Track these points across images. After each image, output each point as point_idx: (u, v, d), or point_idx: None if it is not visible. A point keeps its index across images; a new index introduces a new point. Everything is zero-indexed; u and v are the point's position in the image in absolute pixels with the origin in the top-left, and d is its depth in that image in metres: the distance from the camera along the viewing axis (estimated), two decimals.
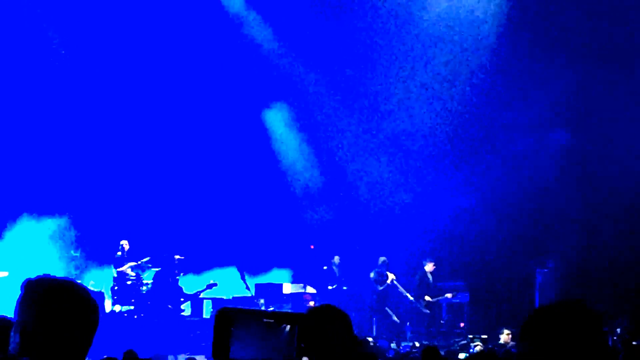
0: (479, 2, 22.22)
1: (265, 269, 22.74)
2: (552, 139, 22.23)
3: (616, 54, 20.73)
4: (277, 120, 24.19)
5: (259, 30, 23.58)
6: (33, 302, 2.89)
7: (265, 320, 2.74)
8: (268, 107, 24.12)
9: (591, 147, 21.35)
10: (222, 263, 22.05)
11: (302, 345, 2.66)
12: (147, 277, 20.36)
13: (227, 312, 3.00)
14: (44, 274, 2.99)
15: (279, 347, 2.70)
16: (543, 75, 21.54)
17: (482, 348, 17.07)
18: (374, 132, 23.70)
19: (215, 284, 20.27)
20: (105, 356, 13.85)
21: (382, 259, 20.95)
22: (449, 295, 20.90)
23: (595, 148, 21.23)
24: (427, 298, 20.87)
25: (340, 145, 24.09)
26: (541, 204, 21.98)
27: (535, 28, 21.44)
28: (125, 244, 20.43)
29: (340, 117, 23.85)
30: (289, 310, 18.23)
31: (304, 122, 24.27)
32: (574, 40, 20.96)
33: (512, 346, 16.39)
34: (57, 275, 3.01)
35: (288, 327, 2.73)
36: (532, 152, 22.16)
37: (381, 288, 20.68)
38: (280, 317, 2.74)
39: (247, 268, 20.96)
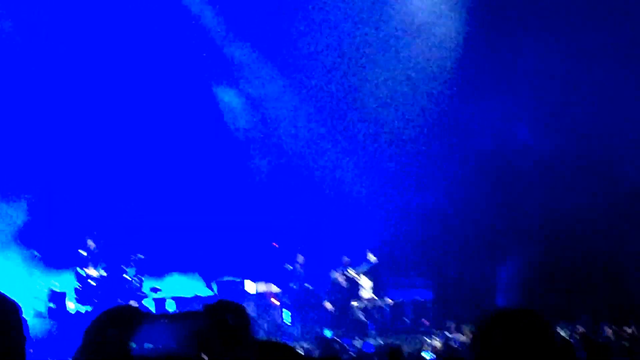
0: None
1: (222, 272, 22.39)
2: (516, 136, 22.40)
3: (583, 50, 20.83)
4: (234, 109, 24.16)
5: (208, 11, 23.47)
6: None
7: (163, 320, 2.76)
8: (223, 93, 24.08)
9: (555, 145, 21.52)
10: (183, 265, 21.91)
11: (200, 342, 2.68)
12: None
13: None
14: None
15: (178, 346, 2.72)
16: (507, 72, 21.69)
17: (442, 346, 17.21)
18: (339, 129, 23.62)
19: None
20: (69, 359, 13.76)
21: (345, 259, 20.99)
22: None
23: (559, 146, 21.39)
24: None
25: (303, 142, 23.97)
26: (503, 201, 22.13)
27: (500, 26, 21.56)
28: (91, 243, 20.29)
29: (302, 112, 23.80)
30: (253, 309, 18.28)
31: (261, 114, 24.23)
32: (541, 38, 21.11)
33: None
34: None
35: (186, 326, 2.75)
36: (496, 149, 22.30)
37: (344, 285, 20.69)
38: (176, 318, 2.76)
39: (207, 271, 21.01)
